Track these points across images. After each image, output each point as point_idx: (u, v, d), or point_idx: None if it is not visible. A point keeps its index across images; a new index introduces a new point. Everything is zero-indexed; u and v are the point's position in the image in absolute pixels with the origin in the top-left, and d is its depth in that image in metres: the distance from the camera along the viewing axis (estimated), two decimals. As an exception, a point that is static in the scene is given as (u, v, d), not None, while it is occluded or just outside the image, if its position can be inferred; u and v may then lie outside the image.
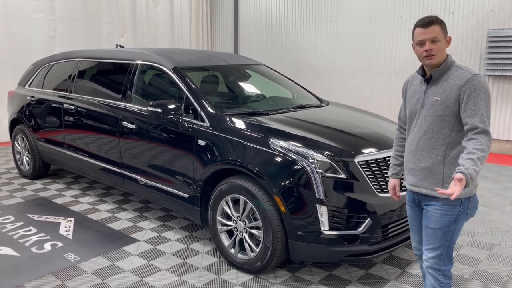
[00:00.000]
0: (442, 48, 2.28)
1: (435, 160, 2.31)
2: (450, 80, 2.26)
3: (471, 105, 2.18)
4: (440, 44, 2.27)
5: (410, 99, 2.46)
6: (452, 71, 2.28)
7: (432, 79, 2.32)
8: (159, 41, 9.62)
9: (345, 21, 8.87)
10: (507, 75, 7.07)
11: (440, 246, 2.35)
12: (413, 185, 2.42)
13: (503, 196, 5.21)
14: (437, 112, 2.28)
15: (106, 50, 5.20)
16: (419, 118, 2.37)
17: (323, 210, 3.02)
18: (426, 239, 2.40)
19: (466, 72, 2.24)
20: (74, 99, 5.02)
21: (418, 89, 2.42)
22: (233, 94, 4.74)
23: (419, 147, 2.36)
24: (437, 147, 2.31)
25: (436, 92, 2.29)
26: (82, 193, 5.38)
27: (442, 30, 2.28)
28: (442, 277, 2.39)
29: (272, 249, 3.17)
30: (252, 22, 10.37)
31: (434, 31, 2.26)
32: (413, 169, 2.41)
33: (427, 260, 2.40)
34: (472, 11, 7.36)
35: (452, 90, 2.23)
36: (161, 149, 3.95)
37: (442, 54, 2.29)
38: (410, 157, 2.43)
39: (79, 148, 4.97)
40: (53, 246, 3.92)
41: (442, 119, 2.27)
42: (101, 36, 8.69)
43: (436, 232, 2.34)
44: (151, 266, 3.56)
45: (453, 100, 2.23)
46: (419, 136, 2.36)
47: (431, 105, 2.31)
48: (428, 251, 2.39)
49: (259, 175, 3.19)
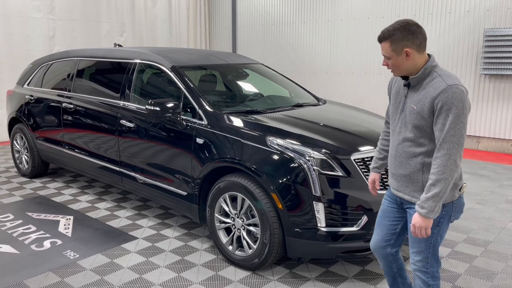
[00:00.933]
0: (398, 64, 2.19)
1: (414, 168, 2.25)
2: (428, 89, 2.15)
3: (441, 119, 2.09)
4: (392, 60, 2.19)
5: (394, 99, 2.40)
6: (432, 77, 2.16)
7: (411, 85, 2.24)
8: (157, 40, 9.65)
9: (342, 20, 8.91)
10: (503, 74, 7.12)
11: (425, 249, 2.30)
12: (396, 189, 2.39)
13: (499, 194, 5.26)
14: (413, 121, 2.21)
15: (105, 49, 5.23)
16: (398, 123, 2.32)
17: (319, 207, 3.06)
18: (411, 242, 2.36)
19: (442, 82, 2.10)
20: (72, 98, 5.05)
21: (400, 91, 2.34)
22: (231, 92, 4.77)
23: (398, 153, 2.32)
24: (415, 155, 2.24)
25: (414, 100, 2.21)
26: (81, 191, 5.41)
27: (393, 46, 2.16)
28: (431, 279, 2.36)
29: (270, 246, 3.21)
30: (250, 21, 10.40)
31: (384, 48, 2.20)
32: (394, 174, 2.38)
33: (415, 263, 2.37)
34: (468, 10, 7.40)
35: (426, 101, 2.13)
36: (160, 148, 3.99)
37: (402, 68, 2.20)
38: (391, 161, 2.39)
39: (78, 147, 5.00)
40: (53, 244, 3.95)
41: (419, 129, 2.20)
42: (100, 35, 8.72)
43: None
44: (149, 263, 3.59)
45: (428, 112, 2.14)
46: (398, 143, 2.32)
47: (409, 113, 2.23)
48: (414, 254, 2.36)
49: (256, 173, 3.22)
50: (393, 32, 2.16)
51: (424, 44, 2.20)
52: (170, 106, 3.73)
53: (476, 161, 6.88)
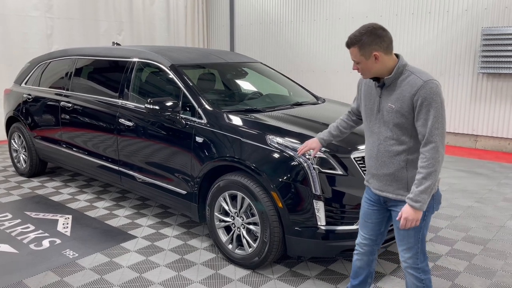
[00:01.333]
0: (368, 67, 2.24)
1: (398, 166, 2.29)
2: (403, 87, 2.20)
3: (422, 115, 2.15)
4: (362, 64, 2.25)
5: (366, 101, 2.42)
6: (405, 76, 2.22)
7: (385, 86, 2.28)
8: (155, 39, 9.63)
9: (340, 19, 8.91)
10: (501, 73, 7.14)
11: (414, 244, 2.35)
12: (379, 189, 2.40)
13: (496, 192, 5.27)
14: (393, 120, 2.24)
15: (103, 47, 5.21)
16: (376, 123, 2.34)
17: (319, 206, 3.06)
18: (399, 240, 2.40)
19: (417, 79, 2.17)
20: (71, 96, 5.03)
21: (373, 92, 2.36)
22: (230, 91, 4.76)
23: (379, 153, 2.34)
24: (398, 153, 2.28)
25: (391, 100, 2.25)
26: (79, 190, 5.40)
27: (361, 51, 2.21)
28: (422, 273, 2.40)
29: (270, 245, 3.21)
30: (248, 20, 10.39)
31: (352, 54, 2.26)
32: (376, 175, 2.39)
33: (405, 261, 2.40)
34: (466, 9, 7.42)
35: (405, 99, 2.18)
36: (159, 146, 3.98)
37: (372, 71, 2.25)
38: (371, 162, 2.41)
39: (77, 146, 4.98)
40: (51, 243, 3.94)
41: (400, 127, 2.24)
42: (99, 34, 8.69)
43: (408, 232, 2.33)
44: (149, 262, 3.59)
45: (408, 109, 2.19)
46: (379, 143, 2.33)
47: (387, 112, 2.27)
48: (404, 251, 2.39)
49: (256, 171, 3.22)
50: (360, 37, 2.21)
51: (391, 46, 2.25)
52: (169, 105, 3.72)
53: (474, 160, 6.90)
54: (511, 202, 4.92)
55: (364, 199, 2.58)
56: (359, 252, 2.66)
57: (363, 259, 2.66)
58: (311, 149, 2.85)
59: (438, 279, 3.29)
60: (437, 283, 3.24)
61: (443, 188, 5.40)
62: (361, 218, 2.61)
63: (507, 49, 6.93)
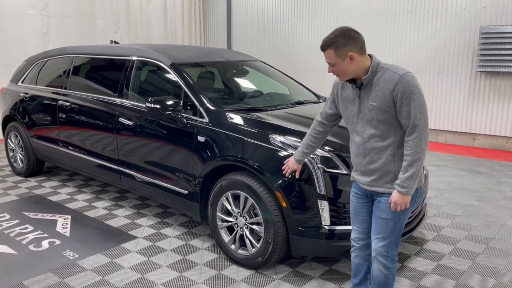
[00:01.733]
0: (344, 68, 2.31)
1: (385, 161, 2.37)
2: (381, 84, 2.28)
3: (404, 107, 2.24)
4: (338, 66, 2.31)
5: (345, 104, 2.49)
6: (381, 74, 2.30)
7: (363, 86, 2.35)
8: (152, 37, 9.57)
9: (338, 17, 8.89)
10: (499, 71, 7.15)
11: (390, 234, 2.46)
12: (367, 185, 2.47)
13: (496, 191, 5.28)
14: (376, 117, 2.32)
15: (102, 46, 5.16)
16: (359, 123, 2.41)
17: (324, 205, 3.04)
18: (377, 229, 2.49)
19: (393, 74, 2.26)
20: (69, 95, 4.97)
21: (352, 94, 2.43)
22: (231, 90, 4.72)
23: (366, 151, 2.41)
24: (384, 148, 2.36)
25: (371, 98, 2.32)
26: (77, 190, 5.34)
27: (337, 52, 2.28)
28: (390, 261, 2.51)
29: (273, 245, 3.18)
30: (246, 18, 10.35)
31: (328, 56, 2.32)
32: (364, 171, 2.46)
33: (377, 248, 2.50)
34: (464, 7, 7.42)
35: (385, 95, 2.27)
36: (159, 146, 3.94)
37: (349, 72, 2.32)
38: (359, 159, 2.47)
39: (75, 145, 4.93)
40: (51, 244, 3.89)
41: (384, 123, 2.31)
42: (95, 32, 8.62)
43: (387, 222, 2.44)
44: (151, 262, 3.55)
45: (389, 104, 2.27)
46: (364, 141, 2.40)
47: (368, 110, 2.34)
48: (378, 239, 2.48)
49: (259, 171, 3.19)
50: (335, 39, 2.29)
51: (364, 48, 2.34)
52: (170, 104, 3.68)
53: (473, 158, 6.91)
54: (511, 201, 4.92)
55: (352, 194, 2.65)
56: (356, 247, 2.71)
57: (360, 255, 2.71)
58: (293, 170, 2.94)
59: (443, 279, 3.27)
60: (442, 283, 3.23)
61: (443, 187, 5.40)
62: (352, 213, 2.68)
63: (505, 48, 6.94)
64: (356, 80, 2.37)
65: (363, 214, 2.59)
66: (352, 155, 2.54)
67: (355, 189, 2.60)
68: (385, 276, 2.54)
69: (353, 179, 2.60)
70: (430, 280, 3.26)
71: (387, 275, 2.54)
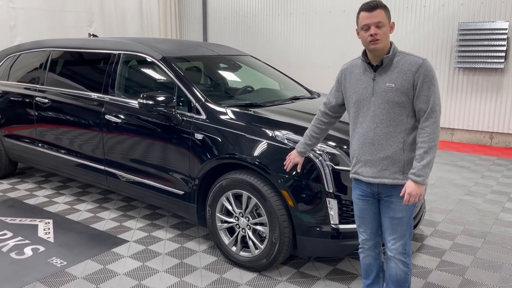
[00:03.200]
0: (387, 33, 2.26)
1: (396, 148, 2.30)
2: (401, 66, 2.25)
3: (424, 91, 2.22)
4: (384, 29, 2.24)
5: (354, 88, 2.40)
6: (399, 57, 2.28)
7: (382, 65, 2.29)
8: (128, 31, 9.19)
9: (317, 13, 8.84)
10: (476, 67, 7.28)
11: (406, 231, 2.41)
12: (373, 176, 2.37)
13: (483, 185, 5.35)
14: (393, 99, 2.26)
15: (83, 39, 4.88)
16: (371, 107, 2.33)
17: (332, 204, 2.94)
18: (391, 229, 2.42)
19: (416, 58, 2.26)
20: (47, 92, 4.66)
21: (362, 77, 2.37)
22: (223, 85, 4.55)
23: (376, 136, 2.32)
24: (395, 134, 2.30)
25: (389, 79, 2.27)
26: (56, 192, 5.04)
27: (387, 15, 2.26)
28: (407, 257, 2.46)
29: (279, 245, 3.06)
30: (222, 13, 10.14)
31: (379, 15, 2.23)
32: (371, 161, 2.36)
33: (395, 248, 2.43)
34: (443, 4, 7.51)
35: (406, 76, 2.23)
36: (151, 144, 3.73)
37: (387, 39, 2.27)
38: (365, 148, 2.37)
39: (55, 144, 4.63)
40: (35, 251, 3.62)
41: (400, 106, 2.26)
42: (67, 25, 8.18)
43: (402, 220, 2.38)
44: (147, 268, 3.35)
45: (409, 86, 2.24)
46: (375, 126, 2.32)
47: (384, 92, 2.28)
48: (395, 240, 2.42)
49: (265, 169, 3.05)
50: (384, 4, 2.28)
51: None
52: (164, 100, 3.48)
53: (453, 153, 7.01)
54: (499, 194, 4.99)
55: (355, 196, 2.55)
56: (364, 248, 2.63)
57: (369, 255, 2.63)
58: (295, 163, 2.83)
59: (449, 275, 3.25)
60: (448, 279, 3.20)
61: (431, 181, 5.43)
62: (357, 216, 2.58)
63: (483, 44, 7.07)
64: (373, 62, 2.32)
65: (370, 215, 2.51)
66: (355, 145, 2.43)
67: (358, 190, 2.50)
68: (405, 273, 2.48)
69: (354, 176, 2.49)
70: (436, 277, 3.23)
71: (406, 272, 2.48)
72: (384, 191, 2.38)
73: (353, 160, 2.49)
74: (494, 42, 6.99)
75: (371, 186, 2.42)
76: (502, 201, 4.78)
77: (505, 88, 7.22)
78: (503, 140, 7.42)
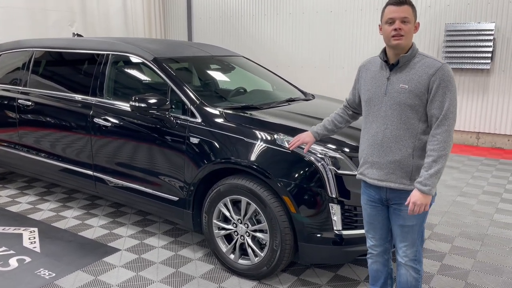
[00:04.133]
0: (411, 31, 2.20)
1: (405, 153, 2.22)
2: (418, 68, 2.18)
3: (439, 97, 2.14)
4: (410, 26, 2.19)
5: (368, 86, 2.34)
6: (418, 59, 2.21)
7: (399, 65, 2.22)
8: (112, 30, 8.94)
9: (304, 13, 8.78)
10: (463, 68, 7.32)
11: (417, 238, 2.35)
12: (379, 179, 2.30)
13: (474, 186, 5.35)
14: (405, 101, 2.19)
15: (68, 39, 4.69)
16: (382, 107, 2.26)
17: (335, 209, 2.85)
18: (402, 237, 2.35)
19: (434, 61, 2.18)
20: (31, 94, 4.46)
21: (378, 75, 2.31)
22: (216, 86, 4.42)
23: (385, 138, 2.25)
24: (405, 138, 2.22)
25: (403, 80, 2.20)
26: (40, 199, 4.83)
27: (413, 12, 2.21)
28: (418, 264, 2.40)
29: (281, 253, 2.96)
30: (207, 13, 9.99)
31: (406, 11, 2.18)
32: (378, 163, 2.29)
33: (406, 256, 2.37)
34: (430, 5, 7.53)
35: (421, 79, 2.16)
36: (143, 149, 3.58)
37: (410, 37, 2.21)
38: (373, 149, 2.30)
39: (39, 149, 4.42)
40: (20, 262, 3.44)
41: (412, 109, 2.19)
42: (48, 25, 7.90)
43: (413, 228, 2.32)
44: (141, 278, 3.21)
45: (423, 89, 2.16)
46: (385, 127, 2.25)
47: (397, 93, 2.20)
48: (406, 247, 2.36)
49: (265, 174, 2.95)
50: (412, 2, 2.22)
51: None
52: (157, 102, 3.34)
53: (442, 153, 7.02)
54: (491, 195, 5.00)
55: (364, 202, 2.47)
56: (372, 254, 2.56)
57: (378, 261, 2.56)
58: (304, 143, 2.72)
59: (452, 280, 3.20)
60: (452, 284, 3.15)
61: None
62: (366, 221, 2.51)
63: (469, 45, 7.11)
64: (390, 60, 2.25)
65: (379, 221, 2.44)
66: (364, 145, 2.36)
67: (367, 195, 2.43)
68: (416, 279, 2.41)
69: (360, 176, 2.42)
70: (439, 281, 3.18)
71: (417, 278, 2.41)
72: (393, 198, 2.31)
73: (360, 161, 2.41)
74: (481, 43, 7.05)
75: (379, 192, 2.34)
76: (495, 201, 4.79)
77: (491, 89, 7.28)
78: (489, 140, 7.49)
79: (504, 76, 7.15)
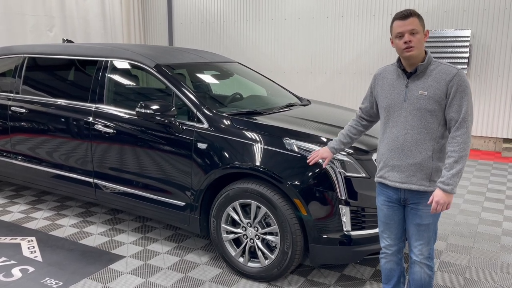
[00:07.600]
0: (421, 41, 2.31)
1: (425, 156, 2.34)
2: (435, 74, 2.29)
3: (456, 101, 2.26)
4: (418, 36, 2.29)
5: (386, 93, 2.45)
6: (434, 66, 2.32)
7: (416, 73, 2.34)
8: (91, 36, 8.82)
9: (286, 19, 8.92)
10: (441, 73, 7.61)
11: (432, 236, 2.47)
12: (400, 181, 2.41)
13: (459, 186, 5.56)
14: (425, 106, 2.31)
15: (61, 45, 4.61)
16: (402, 113, 2.37)
17: (345, 211, 2.95)
18: (418, 235, 2.46)
19: (450, 67, 2.30)
20: (24, 101, 4.38)
21: (395, 83, 2.42)
22: (214, 92, 4.46)
23: (406, 143, 2.37)
24: (425, 142, 2.34)
25: (422, 87, 2.31)
26: (31, 207, 4.74)
27: (420, 22, 2.32)
28: (432, 261, 2.51)
29: (291, 254, 3.03)
30: (188, 18, 10.00)
31: (413, 23, 2.29)
32: (399, 166, 2.40)
33: (421, 254, 2.47)
34: (408, 12, 7.80)
35: (440, 85, 2.28)
36: (148, 155, 3.59)
37: (421, 47, 2.32)
38: (394, 153, 2.41)
39: (34, 157, 4.34)
40: (24, 272, 3.38)
41: (431, 114, 2.31)
42: (26, 30, 7.74)
43: (429, 226, 2.43)
44: (152, 284, 3.22)
45: (442, 95, 2.28)
46: (405, 132, 2.37)
47: (417, 99, 2.32)
48: (421, 245, 2.46)
49: (276, 178, 3.02)
50: (417, 12, 2.33)
51: None
52: (163, 108, 3.37)
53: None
54: (476, 194, 5.24)
55: (380, 202, 2.57)
56: (387, 254, 2.65)
57: (392, 260, 2.66)
58: (322, 158, 2.84)
59: (451, 275, 3.35)
60: (452, 279, 3.30)
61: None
62: (382, 221, 2.60)
63: (447, 51, 7.41)
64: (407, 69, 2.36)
65: (395, 221, 2.54)
66: (383, 150, 2.46)
67: (383, 196, 2.53)
68: (429, 276, 2.52)
69: (379, 180, 2.51)
70: (440, 278, 3.32)
71: (431, 275, 2.52)
72: (411, 198, 2.42)
73: (379, 164, 2.51)
74: (457, 49, 7.36)
75: (398, 192, 2.44)
76: (480, 201, 5.02)
77: (467, 93, 7.60)
78: (466, 142, 7.80)
79: (480, 80, 7.48)
